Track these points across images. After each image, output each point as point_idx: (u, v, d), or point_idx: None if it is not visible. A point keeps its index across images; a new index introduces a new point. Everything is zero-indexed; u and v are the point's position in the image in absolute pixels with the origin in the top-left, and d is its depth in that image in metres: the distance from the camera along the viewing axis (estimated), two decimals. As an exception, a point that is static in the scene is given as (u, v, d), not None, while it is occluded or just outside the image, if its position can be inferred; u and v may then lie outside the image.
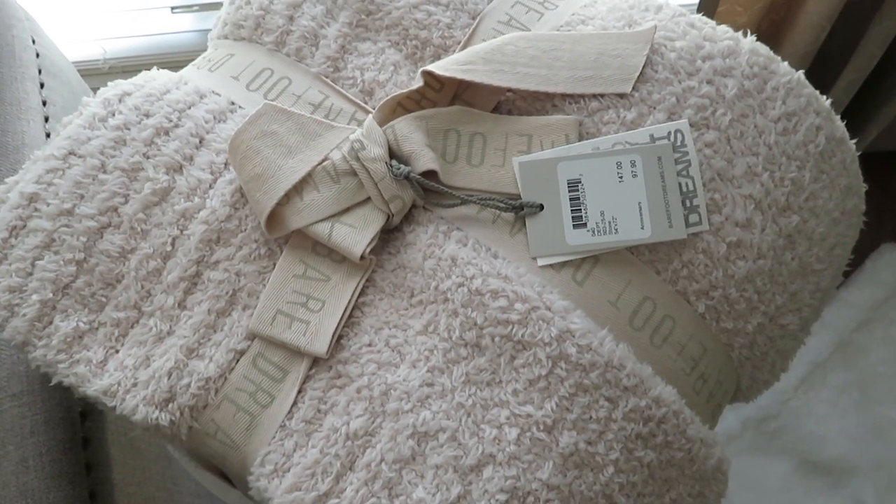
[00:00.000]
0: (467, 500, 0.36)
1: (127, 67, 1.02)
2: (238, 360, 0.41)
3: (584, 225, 0.41)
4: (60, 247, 0.42)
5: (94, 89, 0.82)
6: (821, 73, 0.96)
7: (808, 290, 0.45)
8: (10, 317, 0.42)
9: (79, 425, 0.51)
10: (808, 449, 1.05)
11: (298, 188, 0.41)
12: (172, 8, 1.01)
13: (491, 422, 0.37)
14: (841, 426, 1.06)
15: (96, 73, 1.02)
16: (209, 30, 1.01)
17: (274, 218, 0.42)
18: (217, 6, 1.02)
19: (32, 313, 0.42)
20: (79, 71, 0.81)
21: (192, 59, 1.05)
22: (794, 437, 1.06)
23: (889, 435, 1.05)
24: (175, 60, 1.01)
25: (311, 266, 0.42)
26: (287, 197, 0.41)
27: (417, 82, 0.43)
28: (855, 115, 1.04)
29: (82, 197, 0.43)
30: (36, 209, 0.43)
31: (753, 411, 1.06)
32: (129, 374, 0.41)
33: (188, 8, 1.02)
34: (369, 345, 0.40)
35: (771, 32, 0.93)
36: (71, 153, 0.44)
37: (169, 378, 0.40)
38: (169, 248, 0.42)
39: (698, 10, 0.91)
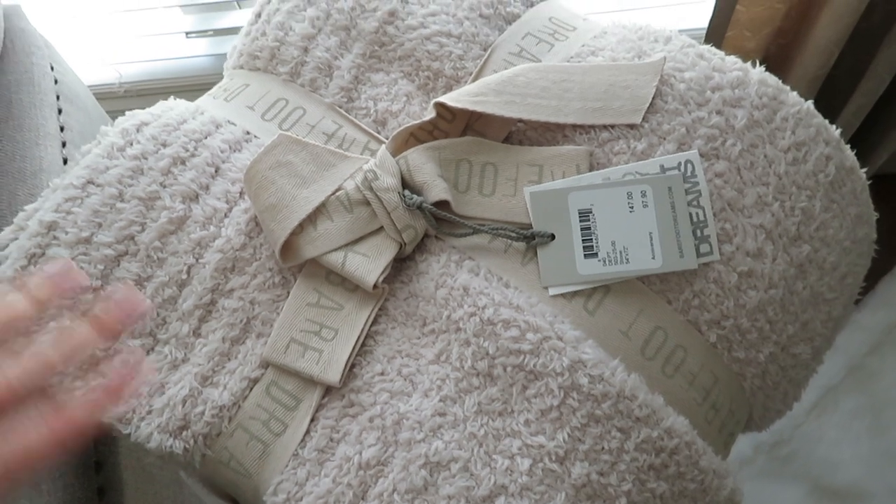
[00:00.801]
0: None
1: (142, 91, 1.03)
2: (252, 389, 0.41)
3: (596, 255, 0.41)
4: None
5: (110, 113, 0.84)
6: (830, 97, 0.96)
7: (819, 319, 0.45)
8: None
9: (91, 450, 0.51)
10: (821, 474, 1.04)
11: (312, 218, 0.42)
12: (187, 33, 1.03)
13: (503, 452, 0.37)
14: (854, 451, 1.05)
15: (112, 97, 1.04)
16: (223, 54, 1.02)
17: (288, 247, 0.42)
18: (231, 32, 1.03)
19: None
20: (95, 94, 0.83)
21: (207, 84, 1.06)
22: (807, 462, 1.05)
23: (903, 460, 1.03)
24: (189, 85, 1.03)
25: (325, 295, 0.42)
26: (301, 227, 0.42)
27: (430, 114, 0.43)
28: (864, 138, 1.04)
29: (100, 225, 0.43)
30: (55, 237, 0.43)
31: (765, 436, 1.05)
32: (143, 402, 0.41)
33: (202, 33, 1.03)
34: (382, 374, 0.40)
35: (779, 57, 0.94)
36: (90, 182, 0.44)
37: (183, 406, 0.40)
38: (184, 277, 0.43)
39: (706, 36, 0.91)
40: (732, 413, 0.44)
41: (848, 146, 0.45)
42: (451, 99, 0.43)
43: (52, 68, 0.73)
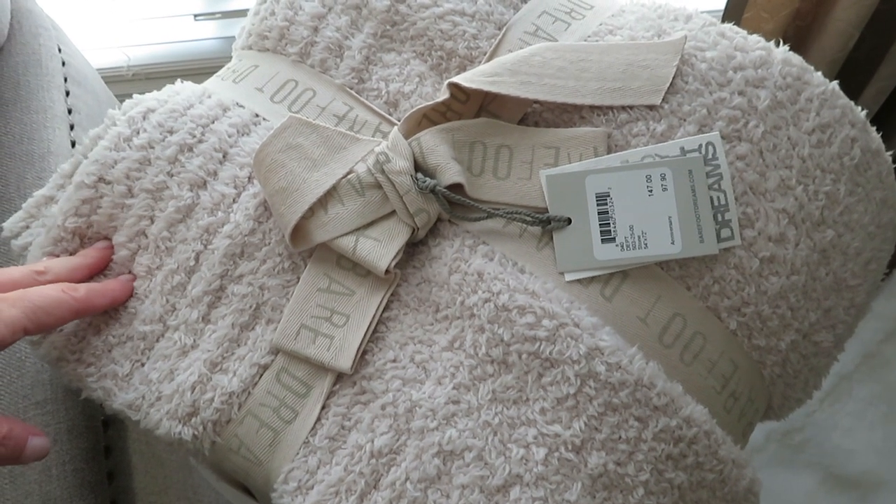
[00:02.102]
0: None
1: (150, 74, 1.02)
2: (261, 375, 0.41)
3: (613, 239, 0.40)
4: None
5: (118, 96, 0.83)
6: (849, 80, 0.94)
7: (842, 306, 0.44)
8: (47, 333, 0.43)
9: (101, 434, 0.51)
10: (834, 462, 1.03)
11: (323, 201, 0.41)
12: (195, 15, 1.02)
13: (518, 441, 0.37)
14: (868, 439, 1.04)
15: (120, 80, 1.03)
16: (232, 37, 1.02)
17: (298, 231, 0.41)
18: (240, 14, 1.02)
19: (69, 328, 0.42)
20: (103, 77, 0.82)
21: (215, 66, 1.05)
22: (820, 450, 1.04)
23: (918, 449, 1.02)
24: (198, 67, 1.02)
25: (336, 280, 0.41)
26: (312, 210, 0.41)
27: (443, 94, 0.42)
28: (883, 121, 1.02)
29: (116, 228, 0.44)
30: (81, 243, 0.44)
31: (778, 424, 1.04)
32: (153, 388, 0.41)
33: (211, 16, 1.03)
34: (394, 360, 0.40)
35: (798, 39, 0.92)
36: (100, 179, 0.44)
37: (192, 392, 0.40)
38: (193, 263, 0.42)
39: (724, 17, 0.90)
40: (752, 401, 0.43)
41: (874, 129, 0.44)
42: (466, 79, 0.42)
43: (59, 50, 0.72)
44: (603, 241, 0.40)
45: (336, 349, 0.40)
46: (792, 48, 0.44)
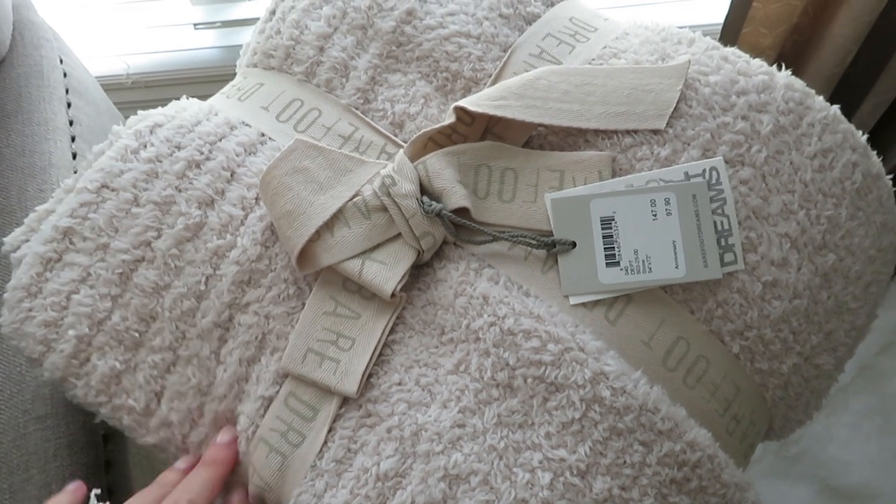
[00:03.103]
0: None
1: (150, 83, 1.02)
2: (267, 407, 0.41)
3: (618, 263, 0.40)
4: (96, 281, 0.42)
5: (118, 104, 0.83)
6: (846, 95, 0.95)
7: (843, 329, 0.44)
8: (46, 352, 0.42)
9: (101, 449, 0.51)
10: (830, 474, 1.03)
11: (329, 225, 0.41)
12: (195, 24, 1.02)
13: (523, 465, 0.37)
14: (863, 451, 1.04)
15: (119, 88, 1.03)
16: (231, 46, 1.01)
17: (305, 254, 0.41)
18: (239, 24, 1.02)
19: (69, 349, 0.42)
20: (102, 85, 0.82)
21: (215, 76, 1.05)
22: (816, 462, 1.04)
23: (913, 461, 1.03)
24: (197, 77, 1.02)
25: (341, 303, 0.42)
26: (318, 233, 0.41)
27: (449, 118, 0.42)
28: (880, 137, 1.03)
29: (117, 231, 0.43)
30: (71, 243, 0.43)
31: (774, 435, 1.05)
32: (176, 433, 0.42)
33: (211, 25, 1.02)
34: (399, 383, 0.40)
35: (795, 54, 0.92)
36: (104, 186, 0.44)
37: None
38: (202, 288, 0.42)
39: (722, 32, 0.90)
40: (753, 424, 0.43)
41: (874, 153, 0.45)
42: (472, 103, 0.42)
43: (61, 61, 0.72)
44: (608, 264, 0.40)
45: (342, 373, 0.40)
46: (790, 64, 0.45)
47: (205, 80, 1.02)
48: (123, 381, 0.42)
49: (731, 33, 0.89)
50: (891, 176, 0.46)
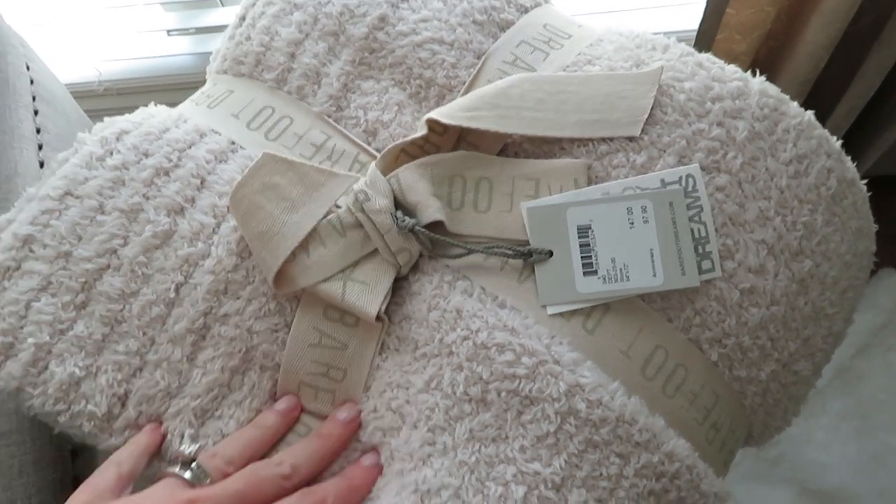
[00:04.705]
0: None
1: (122, 90, 1.01)
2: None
3: (595, 272, 0.40)
4: (58, 289, 0.41)
5: (89, 112, 0.81)
6: (819, 100, 0.96)
7: (820, 334, 0.44)
8: (3, 360, 0.41)
9: (69, 465, 0.50)
10: (809, 477, 1.04)
11: (304, 244, 0.40)
12: (169, 31, 1.01)
13: (496, 479, 0.36)
14: (842, 453, 1.05)
15: (91, 95, 1.01)
16: (205, 53, 1.00)
17: (281, 275, 0.41)
18: (214, 30, 1.01)
19: (27, 357, 0.40)
20: (73, 93, 0.80)
21: (188, 83, 1.03)
22: (795, 464, 1.05)
23: (890, 462, 1.04)
24: (170, 84, 1.00)
25: (326, 334, 0.41)
26: (294, 255, 0.40)
27: (421, 130, 0.42)
28: (853, 140, 1.04)
29: (80, 238, 0.42)
30: (31, 251, 0.42)
31: (753, 438, 1.05)
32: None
33: (184, 31, 1.01)
34: (374, 410, 0.40)
35: (769, 60, 0.93)
36: (68, 193, 0.42)
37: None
38: (172, 295, 0.41)
39: (697, 38, 0.90)
40: (732, 431, 0.43)
41: (849, 159, 0.45)
42: (444, 115, 0.41)
43: (27, 68, 0.71)
44: (585, 273, 0.40)
45: (339, 403, 0.41)
46: (764, 69, 0.45)
47: (178, 87, 1.01)
48: (83, 386, 0.40)
49: (705, 40, 0.90)
50: (865, 181, 0.46)
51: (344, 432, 0.40)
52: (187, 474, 0.37)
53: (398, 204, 0.41)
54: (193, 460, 0.38)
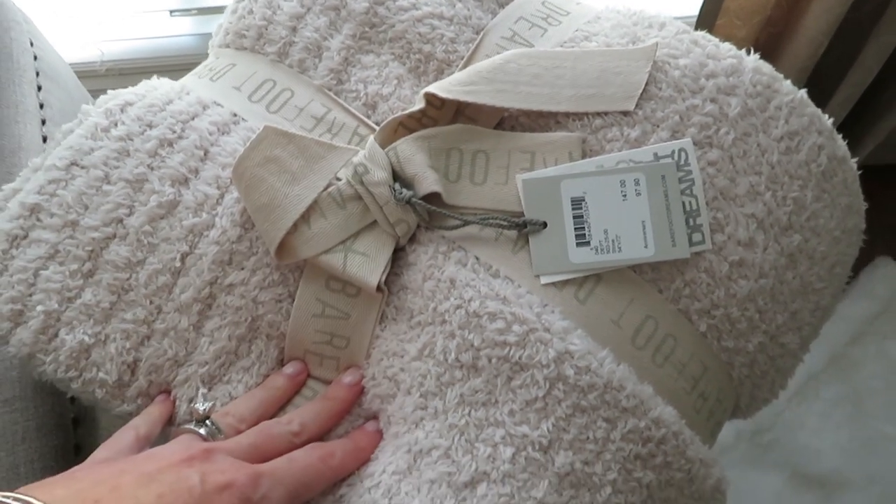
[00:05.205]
0: None
1: (124, 70, 1.01)
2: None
3: (588, 243, 0.41)
4: (66, 258, 0.42)
5: (92, 91, 0.82)
6: (818, 86, 0.96)
7: (808, 308, 0.45)
8: (13, 328, 0.42)
9: (71, 432, 0.51)
10: (801, 462, 1.05)
11: (306, 216, 0.41)
12: (171, 11, 1.01)
13: (486, 441, 0.37)
14: (834, 439, 1.06)
15: (93, 76, 1.02)
16: (208, 34, 1.01)
17: (283, 246, 0.41)
18: (216, 10, 1.02)
19: (37, 324, 0.41)
20: (76, 73, 0.81)
21: (190, 63, 1.04)
22: (788, 449, 1.06)
23: (882, 449, 1.05)
24: (173, 64, 1.01)
25: (329, 304, 0.42)
26: (295, 226, 0.41)
27: (419, 104, 0.42)
28: (851, 129, 1.05)
29: (87, 208, 0.43)
30: (38, 220, 0.43)
31: (747, 424, 1.06)
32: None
33: (187, 12, 1.01)
34: (372, 378, 0.41)
35: (769, 46, 0.94)
36: (73, 164, 0.43)
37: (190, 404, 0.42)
38: (178, 265, 0.42)
39: (697, 24, 0.91)
40: (720, 402, 0.44)
41: (840, 136, 0.45)
42: (442, 89, 0.42)
43: (31, 44, 0.71)
44: (578, 244, 0.41)
45: (343, 369, 0.43)
46: (764, 55, 0.45)
47: (181, 67, 1.01)
48: (93, 354, 0.41)
49: (705, 24, 0.90)
50: (861, 171, 0.46)
51: (349, 395, 0.41)
52: (202, 430, 0.39)
53: (396, 176, 0.42)
54: (207, 417, 0.40)
